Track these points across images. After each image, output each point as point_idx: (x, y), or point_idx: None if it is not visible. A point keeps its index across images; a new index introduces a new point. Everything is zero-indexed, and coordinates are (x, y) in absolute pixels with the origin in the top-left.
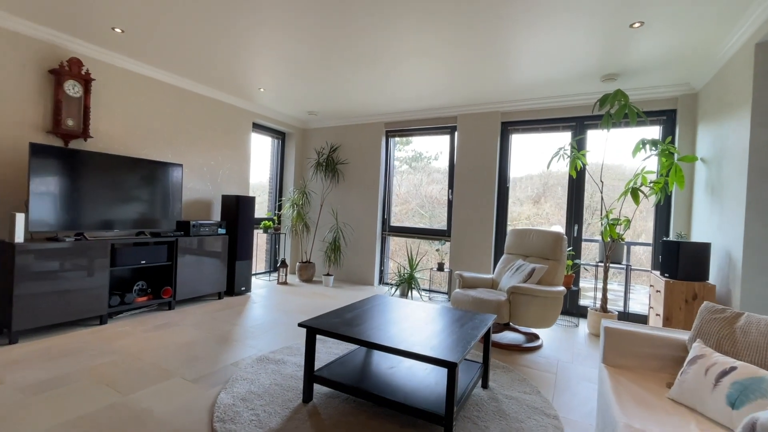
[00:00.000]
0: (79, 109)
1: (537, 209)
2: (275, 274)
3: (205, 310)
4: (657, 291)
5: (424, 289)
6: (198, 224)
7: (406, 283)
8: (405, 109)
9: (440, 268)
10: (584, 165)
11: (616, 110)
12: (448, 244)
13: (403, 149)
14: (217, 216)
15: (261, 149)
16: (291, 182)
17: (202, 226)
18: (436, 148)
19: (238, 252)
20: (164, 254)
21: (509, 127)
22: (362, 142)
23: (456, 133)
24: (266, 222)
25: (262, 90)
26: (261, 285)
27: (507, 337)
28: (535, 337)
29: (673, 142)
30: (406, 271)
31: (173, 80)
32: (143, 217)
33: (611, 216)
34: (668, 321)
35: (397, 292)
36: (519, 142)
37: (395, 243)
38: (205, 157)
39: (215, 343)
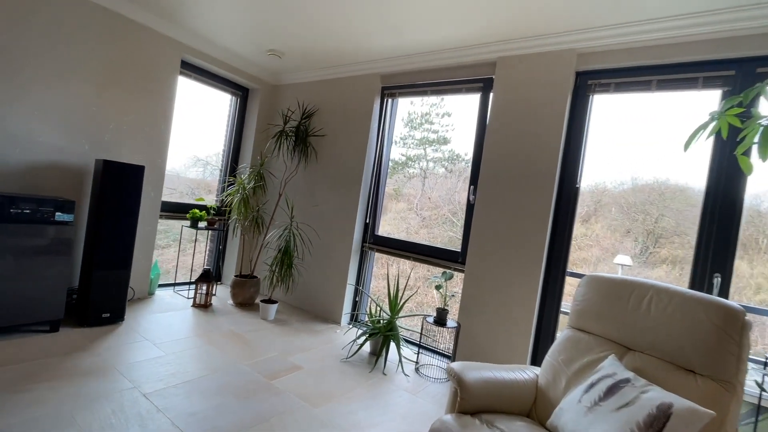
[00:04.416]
0: None
1: (585, 229)
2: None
3: None
4: None
5: (411, 343)
6: (1, 198)
7: (381, 336)
8: (412, 50)
9: (440, 319)
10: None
11: None
12: (459, 276)
13: (440, 149)
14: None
15: (214, 109)
16: (250, 157)
17: (12, 204)
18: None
19: (100, 254)
20: None
21: (592, 80)
22: (346, 105)
23: (492, 92)
24: (195, 211)
25: None
26: (167, 306)
27: None
28: None
29: None
30: (384, 314)
31: None
32: None
33: None
34: None
35: (366, 347)
36: (607, 108)
37: (385, 262)
38: (78, 96)
39: None
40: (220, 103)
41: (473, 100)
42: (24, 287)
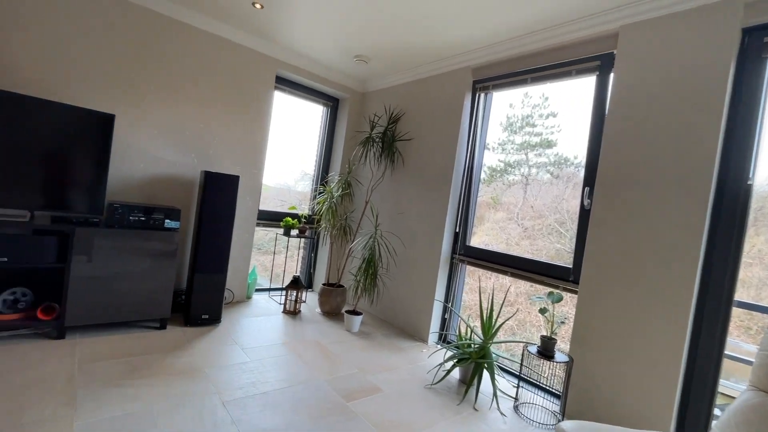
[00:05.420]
0: None
1: None
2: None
3: (106, 350)
4: None
5: (509, 373)
6: (122, 207)
7: (473, 363)
8: (507, 34)
9: (545, 350)
10: None
11: None
12: (570, 297)
13: (544, 153)
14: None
15: (309, 121)
16: (339, 166)
17: (131, 212)
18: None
19: (200, 258)
20: (51, 251)
21: None
22: (434, 105)
23: (613, 72)
24: (288, 219)
25: (258, 6)
26: (261, 310)
27: None
28: None
29: None
30: (476, 338)
31: None
32: (38, 190)
33: None
34: None
35: (456, 373)
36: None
37: (480, 275)
38: (188, 115)
39: None
40: (315, 115)
41: (586, 86)
42: (139, 286)
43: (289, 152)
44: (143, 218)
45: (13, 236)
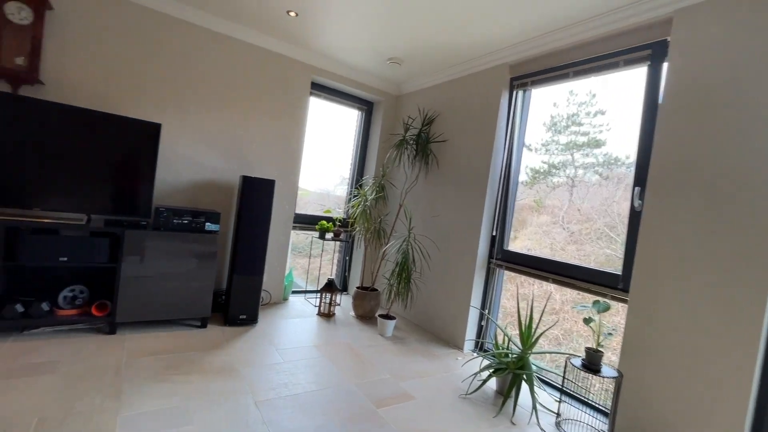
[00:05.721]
0: (28, 43)
1: None
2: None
3: (151, 346)
4: None
5: (550, 386)
6: (167, 211)
7: (510, 374)
8: (546, 27)
9: (591, 363)
10: None
11: None
12: (621, 307)
13: (591, 153)
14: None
15: (344, 125)
16: (374, 169)
17: (175, 215)
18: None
19: (238, 260)
20: (104, 251)
21: None
22: (469, 105)
23: (666, 61)
24: (323, 222)
25: (293, 14)
26: (296, 312)
27: None
28: None
29: None
30: (514, 347)
31: (180, 12)
32: (94, 196)
33: None
34: None
35: (492, 383)
36: None
37: (521, 281)
38: (230, 123)
39: None
40: (350, 120)
41: (636, 79)
42: (183, 286)
43: (327, 157)
44: (186, 221)
45: (72, 238)
